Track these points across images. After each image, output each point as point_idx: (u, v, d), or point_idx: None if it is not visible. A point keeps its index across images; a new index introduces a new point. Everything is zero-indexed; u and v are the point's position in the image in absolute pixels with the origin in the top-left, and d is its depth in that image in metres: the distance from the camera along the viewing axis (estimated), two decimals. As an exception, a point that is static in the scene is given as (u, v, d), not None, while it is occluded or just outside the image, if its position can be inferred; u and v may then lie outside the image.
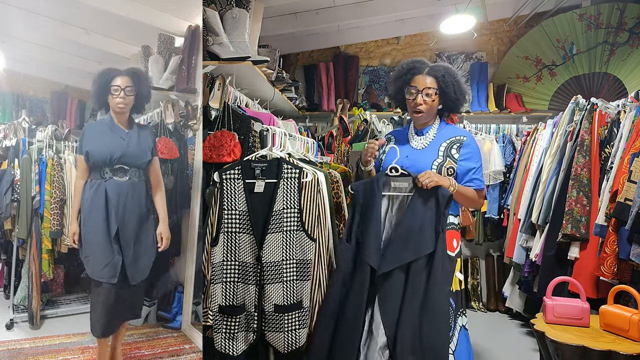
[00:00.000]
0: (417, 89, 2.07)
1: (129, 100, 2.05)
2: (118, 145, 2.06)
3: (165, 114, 2.23)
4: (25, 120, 2.08)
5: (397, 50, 5.01)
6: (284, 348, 1.95)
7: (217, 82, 2.40)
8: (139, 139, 2.11)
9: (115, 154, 2.03)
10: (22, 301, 2.06)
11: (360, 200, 2.06)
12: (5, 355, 1.91)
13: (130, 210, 2.05)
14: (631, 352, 1.78)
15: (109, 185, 2.02)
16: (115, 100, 2.02)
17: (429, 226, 1.95)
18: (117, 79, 2.02)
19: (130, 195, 2.05)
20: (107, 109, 2.09)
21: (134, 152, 2.08)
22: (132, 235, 2.04)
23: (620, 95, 4.24)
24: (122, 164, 2.05)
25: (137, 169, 2.07)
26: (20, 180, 2.03)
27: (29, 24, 1.97)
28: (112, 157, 2.02)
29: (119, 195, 2.03)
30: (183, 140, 2.23)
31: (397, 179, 2.04)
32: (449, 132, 2.13)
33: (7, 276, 2.10)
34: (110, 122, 2.07)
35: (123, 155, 2.05)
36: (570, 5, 4.48)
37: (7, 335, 1.99)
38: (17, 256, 2.08)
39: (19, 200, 2.02)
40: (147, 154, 2.11)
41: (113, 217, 2.02)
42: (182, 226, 2.23)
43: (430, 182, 1.91)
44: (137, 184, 2.07)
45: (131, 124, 2.10)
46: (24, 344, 1.98)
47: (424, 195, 1.96)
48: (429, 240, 1.93)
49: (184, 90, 2.15)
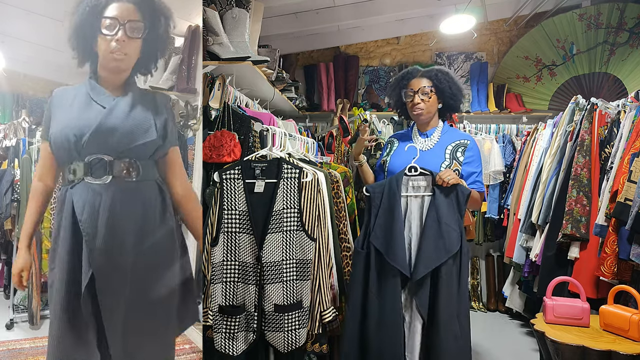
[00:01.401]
0: (413, 90, 2.16)
1: (133, 48, 1.24)
2: (92, 118, 1.19)
3: (165, 114, 2.20)
4: (25, 120, 2.07)
5: (397, 50, 5.01)
6: (284, 348, 1.95)
7: (217, 82, 2.40)
8: (133, 110, 1.25)
9: (84, 132, 1.17)
10: (22, 301, 2.06)
11: (378, 203, 2.03)
12: (5, 355, 1.91)
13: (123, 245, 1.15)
14: (631, 352, 1.78)
15: (77, 194, 1.17)
16: (110, 45, 1.21)
17: (454, 224, 1.96)
18: (112, 7, 1.23)
19: (123, 213, 1.18)
20: (95, 64, 1.28)
21: (121, 127, 1.21)
22: (129, 306, 1.14)
23: (620, 95, 4.24)
24: (101, 151, 1.18)
25: (133, 161, 1.23)
26: (20, 180, 2.03)
27: (29, 24, 1.97)
28: (78, 139, 1.17)
29: (96, 213, 1.16)
30: (183, 140, 2.23)
31: (416, 178, 2.03)
32: (454, 135, 2.20)
33: (7, 276, 2.09)
34: (91, 85, 1.25)
35: (98, 134, 1.18)
36: (570, 5, 4.48)
37: (7, 335, 1.98)
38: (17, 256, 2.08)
39: (19, 200, 2.02)
40: (149, 133, 1.27)
41: (86, 263, 1.13)
42: (181, 226, 2.23)
43: (452, 178, 1.93)
44: (138, 188, 1.23)
45: (126, 89, 1.27)
46: (24, 344, 1.97)
47: (445, 193, 1.97)
48: (455, 238, 1.95)
49: (184, 90, 2.15)
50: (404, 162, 2.16)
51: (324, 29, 4.47)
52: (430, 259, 1.93)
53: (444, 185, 1.95)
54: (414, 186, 2.04)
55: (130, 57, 1.27)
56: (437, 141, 2.17)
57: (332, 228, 2.18)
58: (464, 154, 2.13)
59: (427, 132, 2.22)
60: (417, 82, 2.17)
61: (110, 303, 1.14)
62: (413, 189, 2.04)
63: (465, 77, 4.84)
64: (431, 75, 2.16)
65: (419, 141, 2.21)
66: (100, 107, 1.22)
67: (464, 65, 4.88)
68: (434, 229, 1.95)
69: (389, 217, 2.00)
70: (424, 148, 2.18)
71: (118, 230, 1.18)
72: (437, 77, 2.15)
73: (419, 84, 2.15)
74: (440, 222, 1.94)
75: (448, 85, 2.16)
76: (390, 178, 2.06)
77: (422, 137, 2.22)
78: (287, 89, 3.69)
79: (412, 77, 2.20)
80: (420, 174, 2.02)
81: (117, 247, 1.19)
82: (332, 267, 2.14)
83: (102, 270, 1.15)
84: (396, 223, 1.98)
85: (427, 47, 4.93)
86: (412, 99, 2.16)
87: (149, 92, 1.37)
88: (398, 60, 4.99)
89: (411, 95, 2.17)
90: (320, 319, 2.00)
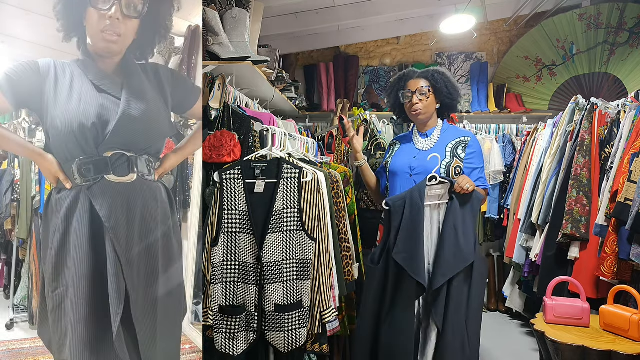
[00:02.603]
0: (410, 91, 2.18)
1: (129, 28, 1.06)
2: (109, 107, 1.03)
3: (165, 114, 2.20)
4: (25, 120, 2.07)
5: (397, 50, 5.01)
6: (285, 348, 1.95)
7: (217, 82, 2.40)
8: (145, 100, 1.06)
9: (103, 122, 1.02)
10: (22, 301, 2.06)
11: (400, 218, 1.97)
12: (5, 355, 1.91)
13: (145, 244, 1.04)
14: (631, 352, 1.78)
15: (96, 193, 1.01)
16: (102, 23, 1.03)
17: (470, 231, 1.95)
18: None
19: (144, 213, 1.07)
20: (84, 41, 1.11)
21: (140, 120, 1.04)
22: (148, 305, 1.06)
23: (620, 95, 4.24)
24: (117, 145, 1.04)
25: (148, 157, 1.10)
26: (20, 180, 2.02)
27: (29, 24, 1.97)
28: (93, 133, 1.01)
29: (120, 213, 1.02)
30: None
31: (435, 187, 2.00)
32: (454, 133, 2.21)
33: (7, 276, 2.09)
34: (86, 66, 1.08)
35: (119, 127, 1.02)
36: (570, 5, 4.48)
37: (7, 335, 1.98)
38: (17, 256, 2.08)
39: (19, 200, 2.01)
40: (165, 127, 1.12)
41: (112, 265, 0.98)
42: (181, 226, 2.23)
43: (471, 186, 1.93)
44: (157, 187, 1.13)
45: (130, 69, 1.09)
46: (24, 344, 1.97)
47: (462, 200, 1.96)
48: (472, 245, 1.94)
49: (184, 90, 2.14)
50: (404, 162, 2.16)
51: (324, 29, 4.47)
52: (448, 268, 1.92)
53: (463, 192, 1.94)
54: (431, 195, 2.02)
55: (125, 39, 1.08)
56: (437, 140, 2.18)
57: (332, 228, 2.18)
58: (464, 150, 2.13)
59: (426, 132, 2.23)
60: (415, 82, 2.19)
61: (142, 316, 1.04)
62: (430, 197, 2.02)
63: (465, 77, 4.84)
64: (428, 76, 2.18)
65: (419, 141, 2.22)
66: (110, 95, 1.05)
67: (464, 65, 4.88)
68: (452, 237, 1.93)
69: (412, 232, 1.95)
70: (425, 147, 2.18)
71: (144, 233, 1.05)
72: (434, 77, 2.17)
73: (417, 85, 2.17)
74: (458, 230, 1.93)
75: (445, 84, 2.17)
76: (412, 190, 2.01)
77: (423, 137, 2.23)
78: (287, 89, 3.69)
79: (409, 78, 2.22)
80: (439, 182, 1.99)
81: (143, 252, 1.05)
82: (332, 267, 2.14)
83: (133, 285, 1.00)
84: (419, 237, 1.95)
85: (427, 47, 4.94)
86: (410, 100, 2.18)
87: (152, 68, 1.18)
88: (398, 60, 4.99)
89: (409, 96, 2.18)
90: (320, 319, 2.00)
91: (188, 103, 1.19)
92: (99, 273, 0.96)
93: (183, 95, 1.18)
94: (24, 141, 1.18)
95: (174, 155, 1.22)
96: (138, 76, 1.11)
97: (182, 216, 2.23)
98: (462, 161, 2.11)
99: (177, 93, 1.16)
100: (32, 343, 1.99)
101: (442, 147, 2.15)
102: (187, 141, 1.30)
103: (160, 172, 1.18)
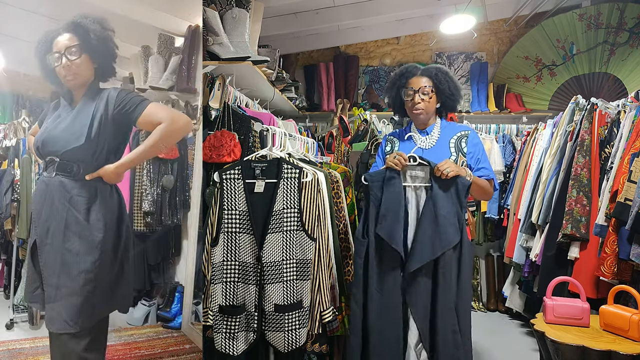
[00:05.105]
0: (413, 89, 2.13)
1: (78, 66, 1.55)
2: (49, 128, 1.60)
3: (165, 114, 2.19)
4: (25, 120, 2.07)
5: (397, 50, 5.01)
6: (285, 348, 1.95)
7: (217, 82, 2.40)
8: (79, 116, 1.57)
9: (39, 140, 1.60)
10: (22, 301, 2.06)
11: (377, 191, 1.99)
12: (5, 355, 1.91)
13: (56, 224, 1.55)
14: (631, 352, 1.78)
15: (39, 185, 1.62)
16: (60, 71, 1.55)
17: (453, 216, 1.92)
18: (56, 42, 1.57)
19: (56, 202, 1.57)
20: (61, 84, 1.63)
21: (59, 135, 1.57)
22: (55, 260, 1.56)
23: (620, 95, 4.24)
24: (50, 152, 1.57)
25: (72, 163, 1.57)
26: (20, 180, 2.02)
27: (29, 24, 1.97)
28: (37, 145, 1.61)
29: (43, 201, 1.58)
30: (183, 140, 2.23)
31: (415, 168, 1.99)
32: (453, 129, 2.20)
33: (7, 276, 2.09)
34: (65, 99, 1.62)
35: (47, 141, 1.57)
36: (570, 5, 4.48)
37: (7, 335, 1.98)
38: (17, 256, 2.08)
39: (19, 200, 2.02)
40: (77, 138, 1.55)
41: (33, 232, 1.59)
42: (181, 226, 2.23)
43: (451, 171, 1.91)
44: (72, 185, 1.57)
45: (88, 97, 1.59)
46: (24, 344, 1.97)
47: (444, 185, 1.93)
48: (454, 231, 1.91)
49: (184, 90, 2.15)
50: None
51: (324, 29, 4.47)
52: (424, 253, 1.90)
53: (443, 177, 1.92)
54: (412, 176, 2.00)
55: (82, 73, 1.57)
56: (439, 137, 2.16)
57: (332, 228, 2.18)
58: (466, 143, 2.12)
59: (427, 129, 2.19)
60: (417, 80, 2.13)
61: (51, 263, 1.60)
62: (411, 178, 2.00)
63: (465, 77, 4.84)
64: (431, 74, 2.13)
65: (419, 139, 2.18)
66: (57, 120, 1.59)
67: (464, 65, 4.88)
68: (430, 222, 1.91)
69: (392, 205, 1.95)
70: (427, 146, 2.15)
71: (54, 213, 1.56)
72: (437, 76, 2.13)
73: (419, 83, 2.12)
74: (438, 215, 1.91)
75: (447, 85, 2.13)
76: (387, 168, 2.02)
77: (423, 134, 2.19)
78: (287, 89, 3.69)
79: (411, 75, 2.16)
80: (418, 164, 1.98)
81: (51, 227, 1.56)
82: (332, 267, 2.14)
83: (40, 244, 1.56)
84: (398, 213, 1.94)
85: (427, 47, 4.94)
86: (412, 98, 2.12)
87: (104, 91, 1.65)
88: (398, 60, 4.99)
89: (411, 94, 2.13)
90: (320, 319, 2.00)
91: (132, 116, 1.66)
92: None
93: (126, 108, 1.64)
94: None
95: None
96: (90, 100, 1.61)
97: (182, 216, 2.23)
98: (466, 155, 2.10)
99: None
100: (32, 343, 1.99)
101: (446, 145, 2.13)
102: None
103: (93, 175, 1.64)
